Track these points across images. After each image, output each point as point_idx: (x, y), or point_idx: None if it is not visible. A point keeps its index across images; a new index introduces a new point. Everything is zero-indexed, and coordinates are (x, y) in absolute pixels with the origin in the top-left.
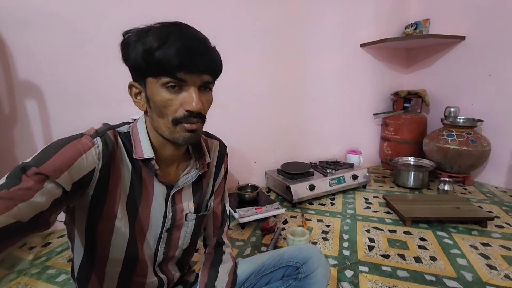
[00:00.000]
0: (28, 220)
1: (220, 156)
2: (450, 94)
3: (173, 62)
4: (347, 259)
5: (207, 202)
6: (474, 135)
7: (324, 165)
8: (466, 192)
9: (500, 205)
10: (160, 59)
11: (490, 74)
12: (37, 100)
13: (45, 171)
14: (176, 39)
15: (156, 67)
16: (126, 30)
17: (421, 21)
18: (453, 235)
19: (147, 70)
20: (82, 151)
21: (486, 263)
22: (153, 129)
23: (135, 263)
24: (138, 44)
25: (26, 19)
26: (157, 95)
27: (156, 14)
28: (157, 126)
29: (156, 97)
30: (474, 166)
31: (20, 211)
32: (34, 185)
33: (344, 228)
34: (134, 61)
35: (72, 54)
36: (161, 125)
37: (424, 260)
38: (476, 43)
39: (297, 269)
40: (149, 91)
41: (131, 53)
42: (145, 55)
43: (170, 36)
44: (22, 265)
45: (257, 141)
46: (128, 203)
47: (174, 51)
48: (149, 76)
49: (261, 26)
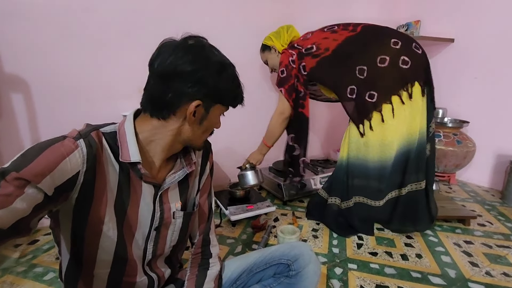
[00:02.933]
0: (8, 227)
1: (205, 153)
2: (438, 95)
3: (237, 97)
4: (336, 257)
5: (194, 199)
6: (460, 136)
7: (315, 163)
8: (451, 191)
9: (483, 204)
10: (238, 93)
11: (475, 76)
12: (24, 94)
13: (25, 176)
14: (237, 77)
15: (234, 99)
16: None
17: (412, 22)
18: (438, 233)
19: (226, 99)
20: (65, 154)
21: (469, 260)
22: (161, 134)
23: (124, 264)
24: (224, 72)
25: (12, 11)
26: (216, 118)
27: (146, 8)
28: (191, 138)
29: (215, 120)
30: (459, 166)
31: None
32: (14, 190)
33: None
34: (219, 88)
35: (60, 47)
36: (199, 139)
37: (411, 258)
38: (464, 46)
39: (288, 267)
40: (212, 114)
41: (218, 79)
42: (233, 88)
43: (235, 72)
44: (7, 263)
45: (248, 138)
46: (116, 205)
47: (240, 89)
48: (220, 104)
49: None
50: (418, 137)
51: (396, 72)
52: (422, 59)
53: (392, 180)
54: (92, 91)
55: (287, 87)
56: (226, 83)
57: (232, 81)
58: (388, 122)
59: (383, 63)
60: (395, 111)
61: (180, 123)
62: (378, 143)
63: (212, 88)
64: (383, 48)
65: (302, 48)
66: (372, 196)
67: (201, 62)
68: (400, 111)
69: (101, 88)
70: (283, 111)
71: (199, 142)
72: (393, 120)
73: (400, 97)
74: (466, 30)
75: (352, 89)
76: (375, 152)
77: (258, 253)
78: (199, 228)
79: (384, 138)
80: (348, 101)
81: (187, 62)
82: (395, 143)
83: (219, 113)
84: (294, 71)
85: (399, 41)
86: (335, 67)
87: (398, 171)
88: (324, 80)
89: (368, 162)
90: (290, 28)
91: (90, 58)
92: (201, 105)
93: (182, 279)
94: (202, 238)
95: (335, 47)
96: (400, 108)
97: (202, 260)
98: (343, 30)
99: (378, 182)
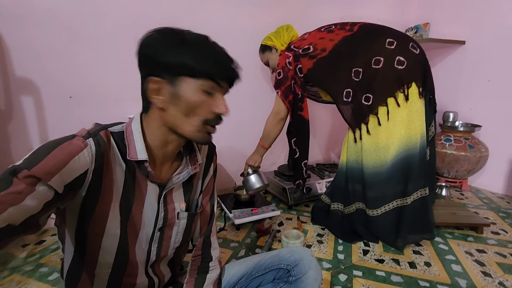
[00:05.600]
0: (19, 223)
1: (210, 155)
2: (448, 98)
3: (221, 68)
4: (341, 263)
5: (196, 200)
6: (472, 141)
7: (322, 167)
8: (463, 197)
9: (497, 211)
10: (211, 63)
11: (489, 79)
12: (34, 96)
13: (36, 173)
14: (220, 49)
15: (204, 70)
16: (162, 27)
17: (421, 25)
18: (449, 240)
19: (190, 69)
20: (74, 152)
21: (481, 270)
22: (154, 128)
23: (125, 264)
24: (188, 43)
25: (24, 15)
26: (193, 96)
27: (155, 14)
28: (176, 124)
29: (192, 98)
30: (472, 171)
31: (10, 215)
32: (25, 188)
33: None
34: (175, 57)
35: (70, 51)
36: (184, 123)
37: (419, 266)
38: (476, 48)
39: (288, 272)
40: (183, 90)
41: (173, 49)
42: (198, 56)
43: (215, 45)
44: (15, 262)
45: (254, 141)
46: (122, 204)
47: (223, 58)
48: (187, 76)
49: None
50: (419, 141)
51: (391, 73)
52: (419, 58)
53: (390, 188)
54: (101, 94)
55: (283, 89)
56: (197, 47)
57: (195, 48)
58: (384, 124)
59: (377, 64)
60: (390, 114)
61: (158, 110)
62: (373, 147)
63: (173, 57)
64: (377, 48)
65: (299, 49)
66: (369, 204)
67: (152, 41)
68: (396, 113)
69: (110, 91)
70: (279, 111)
71: (187, 128)
72: (388, 122)
73: (396, 99)
74: (478, 32)
75: (348, 92)
76: (370, 157)
77: (258, 257)
78: (200, 230)
79: (379, 141)
80: (345, 104)
81: (141, 47)
82: (391, 147)
83: (195, 88)
84: (290, 73)
85: (395, 41)
86: (332, 68)
87: (399, 178)
88: (321, 82)
89: (364, 168)
90: (289, 28)
91: (99, 62)
92: (162, 82)
93: (181, 282)
94: (203, 240)
95: (331, 48)
96: (395, 110)
97: (202, 263)
98: (339, 30)
99: (372, 189)
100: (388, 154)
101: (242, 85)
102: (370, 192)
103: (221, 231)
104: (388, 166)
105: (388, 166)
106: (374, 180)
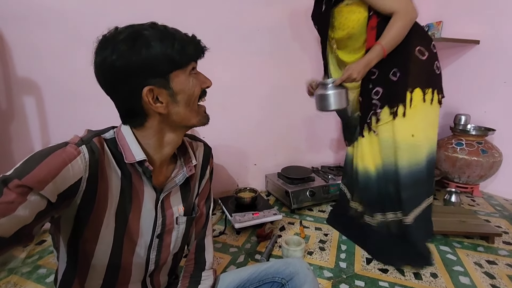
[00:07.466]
0: (11, 235)
1: (205, 157)
2: (461, 100)
3: (195, 45)
4: (343, 272)
5: (193, 203)
6: (485, 145)
7: (326, 170)
8: (474, 204)
9: (510, 219)
10: (188, 46)
11: (505, 81)
12: (35, 96)
13: (28, 183)
14: (177, 30)
15: (185, 56)
16: (116, 27)
17: (434, 23)
18: (457, 250)
19: (176, 63)
20: (67, 160)
21: (491, 283)
22: (150, 136)
23: (117, 273)
24: (155, 39)
25: (26, 15)
26: (188, 84)
27: (157, 13)
28: (182, 120)
29: (187, 87)
30: (484, 177)
31: (2, 226)
32: (17, 198)
33: (342, 238)
34: (156, 57)
35: (71, 51)
36: (189, 114)
37: (425, 277)
38: (491, 48)
39: (282, 286)
40: (178, 84)
41: (147, 49)
42: (175, 47)
43: (173, 29)
44: (14, 263)
45: (257, 143)
46: (118, 211)
47: (188, 37)
48: (176, 69)
49: (264, 26)
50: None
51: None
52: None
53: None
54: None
55: None
56: (171, 39)
57: (167, 41)
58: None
59: (423, 55)
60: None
61: (158, 117)
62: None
63: (153, 57)
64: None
65: None
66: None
67: (121, 53)
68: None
69: None
70: (409, 11)
71: (194, 117)
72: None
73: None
74: (493, 31)
75: (395, 72)
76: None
77: (253, 268)
78: (194, 233)
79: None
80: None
81: (113, 64)
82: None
83: (186, 77)
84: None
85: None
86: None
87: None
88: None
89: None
90: None
91: None
92: (156, 88)
93: None
94: (197, 243)
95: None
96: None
97: (194, 270)
98: None
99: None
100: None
101: (248, 85)
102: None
103: (221, 234)
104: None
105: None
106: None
